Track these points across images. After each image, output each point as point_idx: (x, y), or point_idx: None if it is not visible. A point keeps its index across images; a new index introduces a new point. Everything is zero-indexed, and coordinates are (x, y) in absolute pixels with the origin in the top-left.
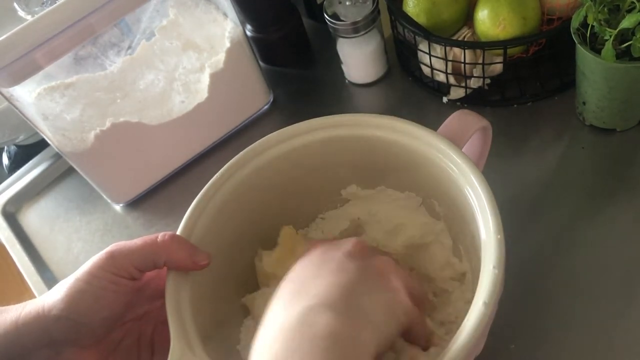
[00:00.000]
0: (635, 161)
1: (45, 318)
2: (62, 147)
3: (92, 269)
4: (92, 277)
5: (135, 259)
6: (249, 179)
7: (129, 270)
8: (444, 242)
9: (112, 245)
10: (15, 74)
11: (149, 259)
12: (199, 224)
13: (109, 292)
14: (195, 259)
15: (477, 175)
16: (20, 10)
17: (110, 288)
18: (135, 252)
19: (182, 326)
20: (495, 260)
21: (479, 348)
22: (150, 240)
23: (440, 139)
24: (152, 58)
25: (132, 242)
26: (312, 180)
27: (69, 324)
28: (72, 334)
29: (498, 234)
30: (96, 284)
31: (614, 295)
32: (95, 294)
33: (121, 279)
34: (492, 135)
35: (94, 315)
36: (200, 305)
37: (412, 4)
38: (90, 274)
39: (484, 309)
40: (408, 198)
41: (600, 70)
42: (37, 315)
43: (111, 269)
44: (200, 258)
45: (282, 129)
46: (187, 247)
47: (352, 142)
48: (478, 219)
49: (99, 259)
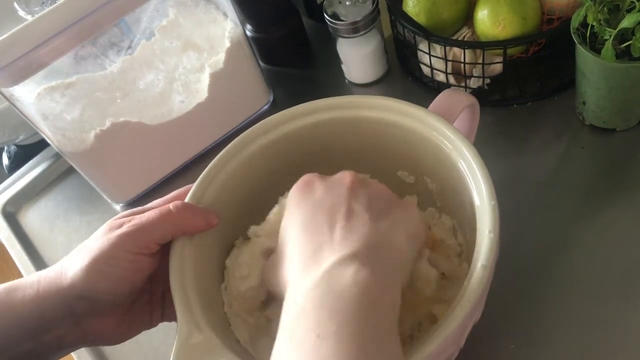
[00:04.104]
0: (635, 161)
1: (65, 295)
2: (62, 147)
3: (112, 250)
4: (112, 259)
5: (155, 235)
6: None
7: (149, 246)
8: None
9: (129, 220)
10: (15, 74)
11: (167, 232)
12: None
13: (130, 271)
14: (208, 219)
15: (469, 147)
16: (20, 10)
17: (130, 267)
18: (154, 227)
19: (188, 304)
20: (490, 225)
21: (478, 313)
22: (166, 212)
23: (432, 116)
24: (152, 58)
25: (148, 216)
26: (308, 163)
27: (90, 301)
28: (93, 308)
29: (492, 200)
30: (117, 264)
31: (614, 295)
32: (117, 275)
33: (142, 256)
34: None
35: (116, 292)
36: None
37: (412, 4)
38: (111, 255)
39: (482, 271)
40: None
41: (600, 70)
42: (58, 291)
43: (131, 248)
44: (212, 217)
45: (273, 115)
46: (200, 213)
47: (345, 124)
48: (472, 188)
49: (118, 237)
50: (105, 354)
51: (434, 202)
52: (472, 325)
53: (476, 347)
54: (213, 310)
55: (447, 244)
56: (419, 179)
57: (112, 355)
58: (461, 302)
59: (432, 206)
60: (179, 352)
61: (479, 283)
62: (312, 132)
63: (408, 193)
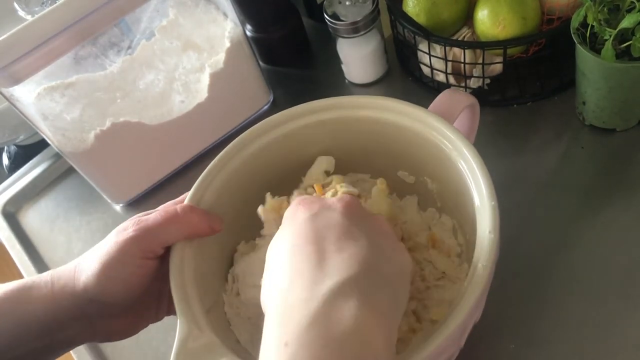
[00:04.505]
0: (635, 161)
1: (78, 298)
2: (62, 147)
3: (119, 255)
4: (120, 264)
5: (160, 238)
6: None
7: (155, 250)
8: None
9: (135, 223)
10: (15, 74)
11: (171, 235)
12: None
13: (137, 276)
14: (212, 225)
15: (469, 148)
16: (20, 10)
17: (138, 272)
18: (160, 231)
19: (188, 304)
20: (490, 225)
21: (479, 313)
22: (172, 213)
23: (432, 116)
24: (152, 58)
25: (154, 218)
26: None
27: (102, 304)
28: (105, 311)
29: (492, 200)
30: (125, 270)
31: (614, 295)
32: (125, 279)
33: (149, 260)
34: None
35: (125, 296)
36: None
37: (412, 4)
38: (119, 260)
39: (482, 272)
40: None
41: (600, 70)
42: (72, 295)
43: (138, 253)
44: (216, 223)
45: (273, 115)
46: (205, 217)
47: (345, 124)
48: (472, 188)
49: (124, 242)
50: (105, 353)
51: (434, 202)
52: (472, 325)
53: (476, 347)
54: (213, 310)
55: (447, 244)
56: (419, 179)
57: (112, 355)
58: (461, 302)
59: (432, 206)
60: (179, 352)
61: (479, 283)
62: (312, 132)
63: (408, 193)
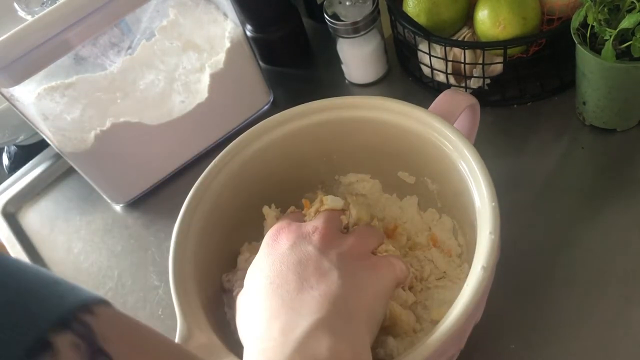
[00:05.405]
0: (635, 161)
1: None
2: (62, 147)
3: None
4: None
5: None
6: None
7: None
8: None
9: None
10: (15, 74)
11: None
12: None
13: None
14: None
15: (469, 148)
16: (20, 10)
17: None
18: None
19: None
20: (491, 226)
21: (479, 314)
22: None
23: (433, 116)
24: (152, 58)
25: None
26: (308, 163)
27: None
28: None
29: (492, 201)
30: None
31: (614, 295)
32: None
33: None
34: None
35: None
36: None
37: (412, 4)
38: None
39: (482, 273)
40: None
41: (600, 70)
42: None
43: None
44: None
45: (273, 116)
46: None
47: (345, 124)
48: (472, 189)
49: None
50: None
51: (434, 202)
52: (473, 326)
53: (476, 347)
54: (213, 311)
55: (448, 245)
56: (419, 179)
57: None
58: (462, 303)
59: (433, 207)
60: None
61: (480, 284)
62: (312, 133)
63: (408, 194)
